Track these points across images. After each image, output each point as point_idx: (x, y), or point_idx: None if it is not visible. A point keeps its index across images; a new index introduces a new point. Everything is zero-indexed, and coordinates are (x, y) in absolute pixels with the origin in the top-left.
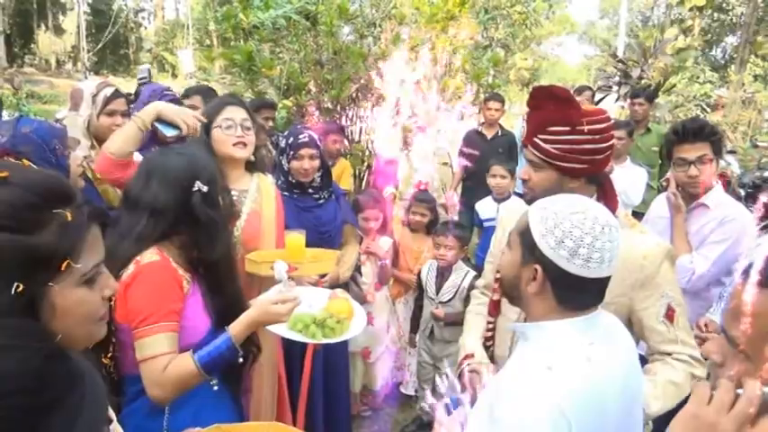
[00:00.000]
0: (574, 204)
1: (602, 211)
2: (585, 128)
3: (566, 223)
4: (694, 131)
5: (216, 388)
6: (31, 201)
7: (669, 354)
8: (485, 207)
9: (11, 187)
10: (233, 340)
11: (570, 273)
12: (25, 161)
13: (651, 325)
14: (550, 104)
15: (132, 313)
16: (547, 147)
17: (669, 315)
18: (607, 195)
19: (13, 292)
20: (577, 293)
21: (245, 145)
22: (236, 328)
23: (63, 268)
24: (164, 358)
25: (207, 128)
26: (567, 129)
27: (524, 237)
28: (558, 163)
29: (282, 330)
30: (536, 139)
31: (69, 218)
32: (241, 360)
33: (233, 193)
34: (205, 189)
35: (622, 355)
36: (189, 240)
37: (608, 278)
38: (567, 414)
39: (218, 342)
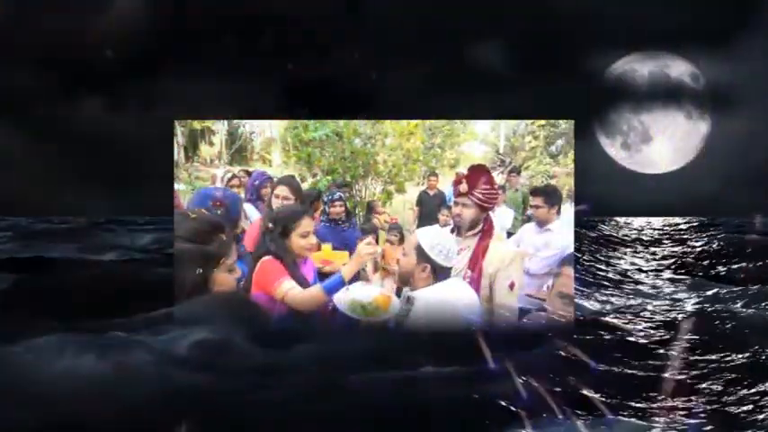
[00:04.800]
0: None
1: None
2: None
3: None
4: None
5: None
6: (206, 228)
7: None
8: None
9: (197, 221)
10: (342, 275)
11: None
12: (204, 210)
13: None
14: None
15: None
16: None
17: (511, 285)
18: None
19: (197, 273)
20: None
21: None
22: (345, 269)
23: (221, 263)
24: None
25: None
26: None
27: (419, 249)
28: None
29: (345, 308)
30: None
31: (224, 238)
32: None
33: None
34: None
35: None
36: None
37: None
38: None
39: (334, 276)
